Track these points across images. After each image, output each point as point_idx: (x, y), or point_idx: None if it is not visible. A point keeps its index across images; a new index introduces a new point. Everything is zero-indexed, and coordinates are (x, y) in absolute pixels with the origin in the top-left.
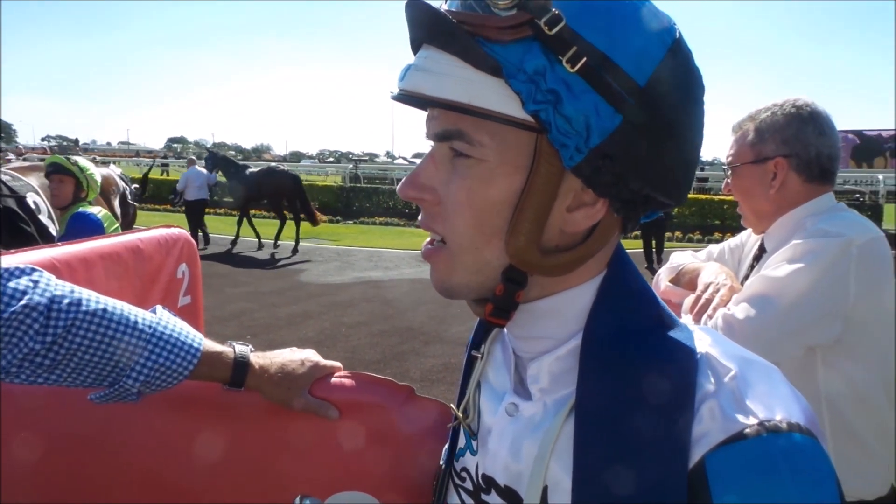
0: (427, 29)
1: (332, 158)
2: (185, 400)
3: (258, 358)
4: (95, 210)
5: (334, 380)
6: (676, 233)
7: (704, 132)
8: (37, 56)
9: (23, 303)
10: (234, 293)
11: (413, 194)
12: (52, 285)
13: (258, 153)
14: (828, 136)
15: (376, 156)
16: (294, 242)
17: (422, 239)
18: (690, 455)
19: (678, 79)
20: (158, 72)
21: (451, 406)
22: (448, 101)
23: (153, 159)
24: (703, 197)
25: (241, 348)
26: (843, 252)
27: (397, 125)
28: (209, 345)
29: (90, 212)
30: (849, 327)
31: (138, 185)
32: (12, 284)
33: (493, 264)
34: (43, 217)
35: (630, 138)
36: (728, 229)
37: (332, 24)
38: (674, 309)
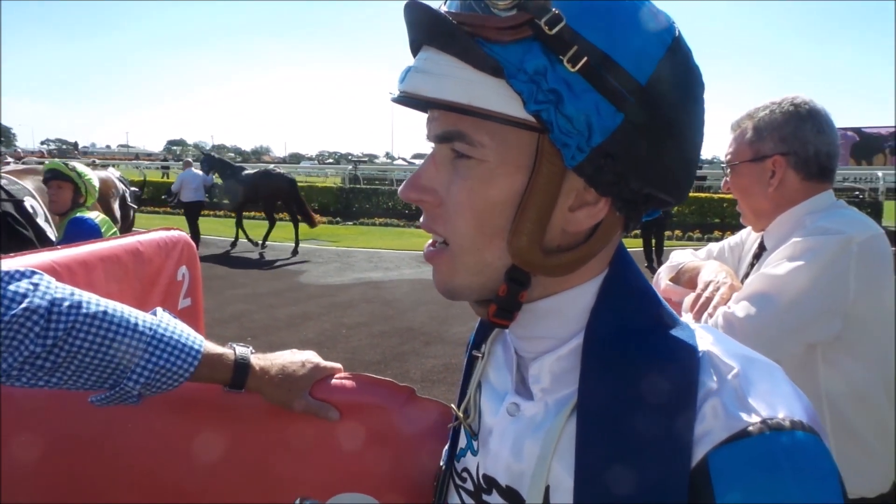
0: (427, 30)
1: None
2: (186, 401)
3: (259, 359)
4: (93, 215)
5: (334, 381)
6: (676, 231)
7: (705, 130)
8: (35, 58)
9: (23, 306)
10: (233, 295)
11: (414, 196)
12: (52, 288)
13: (257, 155)
14: (826, 133)
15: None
16: (294, 244)
17: (422, 239)
18: (693, 454)
19: (678, 77)
20: (157, 74)
21: (452, 406)
22: (449, 103)
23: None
24: (702, 195)
25: (242, 350)
26: (842, 249)
27: (397, 126)
28: (210, 346)
29: (88, 217)
30: (849, 325)
31: (137, 188)
32: (12, 287)
33: (496, 265)
34: (40, 220)
35: (631, 137)
36: (728, 227)
37: (331, 25)
38: (674, 307)
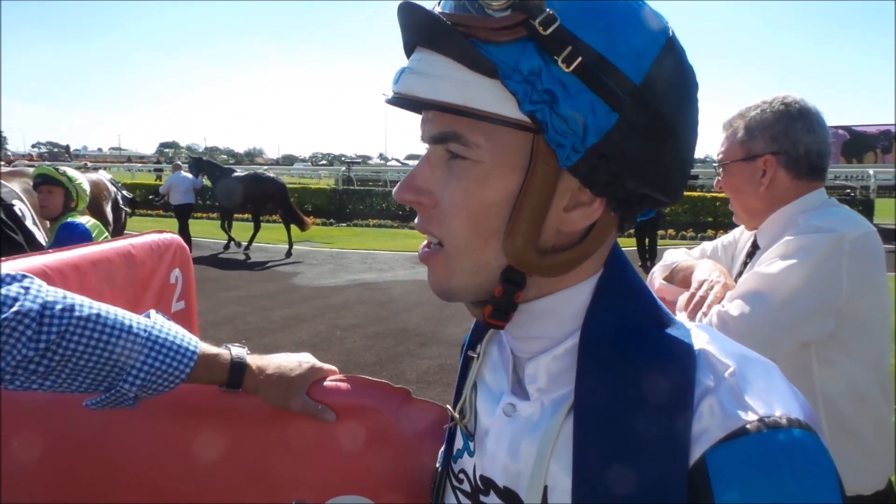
0: (421, 31)
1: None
2: (184, 403)
3: (255, 359)
4: (84, 220)
5: (330, 383)
6: (669, 230)
7: (699, 130)
8: (27, 61)
9: (14, 309)
10: (227, 297)
11: (409, 197)
12: (43, 291)
13: (251, 157)
14: (817, 132)
15: (369, 158)
16: (287, 246)
17: (415, 241)
18: (691, 453)
19: (673, 77)
20: (150, 76)
21: (448, 407)
22: (443, 103)
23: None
24: (695, 194)
25: (238, 350)
26: (835, 247)
27: (390, 127)
28: (205, 347)
29: (79, 221)
30: (842, 322)
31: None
32: (3, 291)
33: (491, 266)
34: (28, 223)
35: (626, 137)
36: (720, 226)
37: (325, 27)
38: (668, 307)
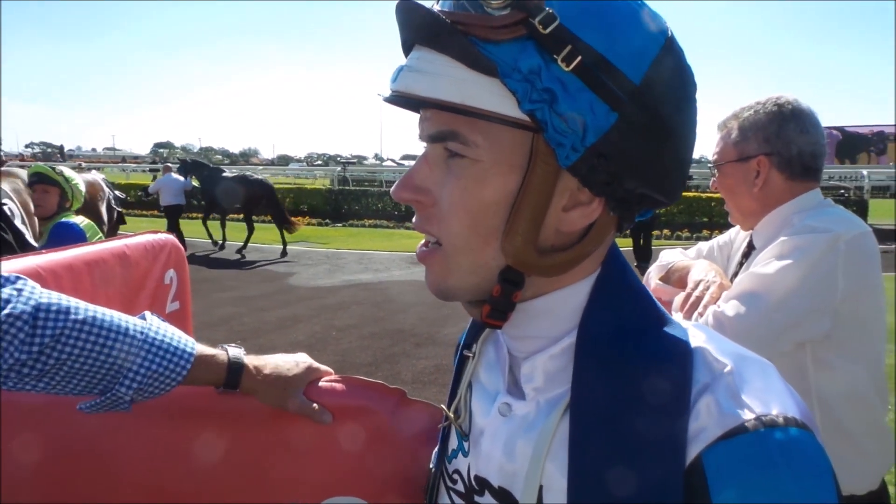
0: (420, 30)
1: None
2: (179, 403)
3: (252, 359)
4: (79, 220)
5: (325, 384)
6: (664, 230)
7: (697, 130)
8: (20, 61)
9: (6, 312)
10: (222, 298)
11: (407, 196)
12: (36, 294)
13: (246, 157)
14: (810, 133)
15: (365, 158)
16: (281, 246)
17: (411, 241)
18: (687, 452)
19: (672, 77)
20: (144, 76)
21: (442, 407)
22: (442, 102)
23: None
24: (690, 195)
25: (235, 351)
26: (830, 248)
27: (385, 128)
28: (202, 349)
29: (73, 222)
30: (838, 322)
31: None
32: None
33: (490, 265)
34: (17, 223)
35: (625, 137)
36: (716, 226)
37: (318, 27)
38: (664, 307)
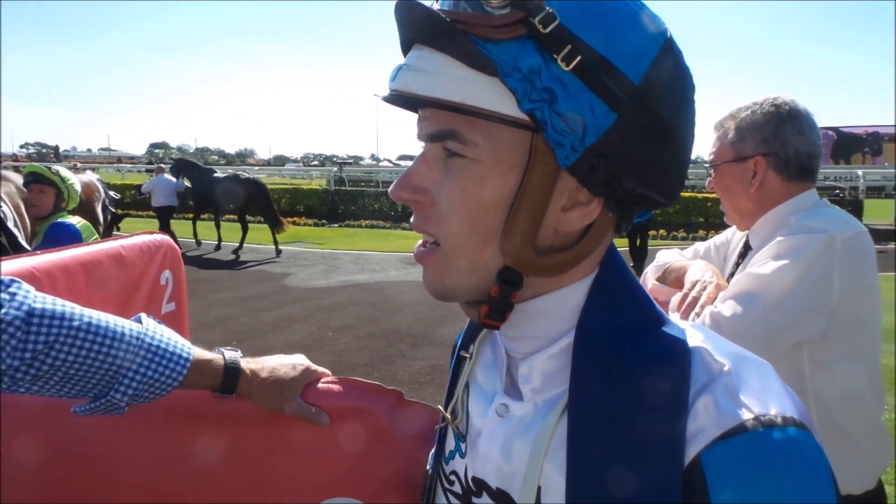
0: (419, 29)
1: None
2: (177, 405)
3: (249, 363)
4: (75, 220)
5: (323, 386)
6: (660, 231)
7: (696, 130)
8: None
9: None
10: (218, 298)
11: (406, 196)
12: (30, 298)
13: (242, 157)
14: (806, 134)
15: (361, 158)
16: (274, 245)
17: (408, 241)
18: (686, 452)
19: (671, 78)
20: (140, 76)
21: (439, 408)
22: (442, 101)
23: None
24: (686, 195)
25: (231, 354)
26: (826, 248)
27: (382, 128)
28: (198, 352)
29: (69, 222)
30: (834, 322)
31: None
32: None
33: (489, 265)
34: (10, 225)
35: (625, 137)
36: (712, 227)
37: (315, 27)
38: (661, 307)
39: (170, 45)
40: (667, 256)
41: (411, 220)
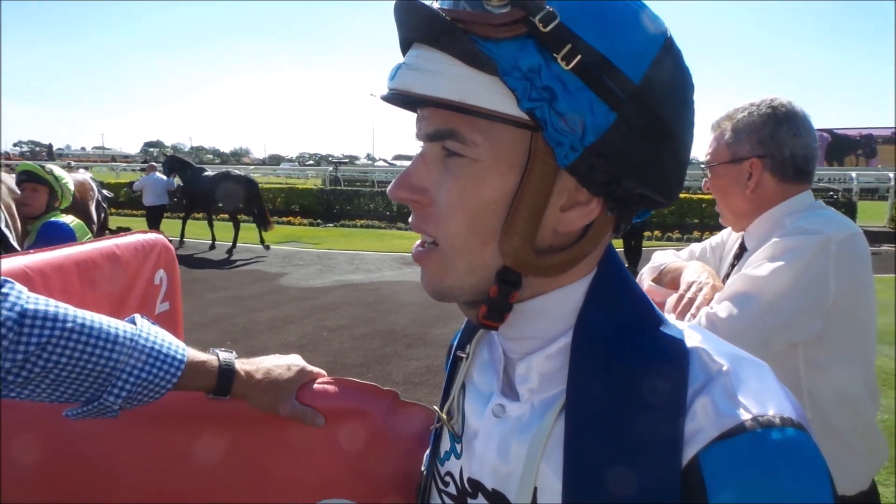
0: (419, 28)
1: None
2: (173, 407)
3: (243, 364)
4: (68, 219)
5: (318, 386)
6: (655, 232)
7: (694, 131)
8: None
9: None
10: (213, 298)
11: (404, 195)
12: (22, 299)
13: (237, 157)
14: (803, 136)
15: (357, 158)
16: (261, 243)
17: (403, 241)
18: (684, 453)
19: (670, 78)
20: (134, 75)
21: (435, 408)
22: (441, 100)
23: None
24: (682, 195)
25: (226, 355)
26: (822, 249)
27: (377, 128)
28: (192, 354)
29: (63, 221)
30: (829, 323)
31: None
32: None
33: (487, 265)
34: (1, 226)
35: (625, 136)
36: (707, 228)
37: (310, 27)
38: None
39: (165, 44)
40: (663, 257)
41: (410, 219)
